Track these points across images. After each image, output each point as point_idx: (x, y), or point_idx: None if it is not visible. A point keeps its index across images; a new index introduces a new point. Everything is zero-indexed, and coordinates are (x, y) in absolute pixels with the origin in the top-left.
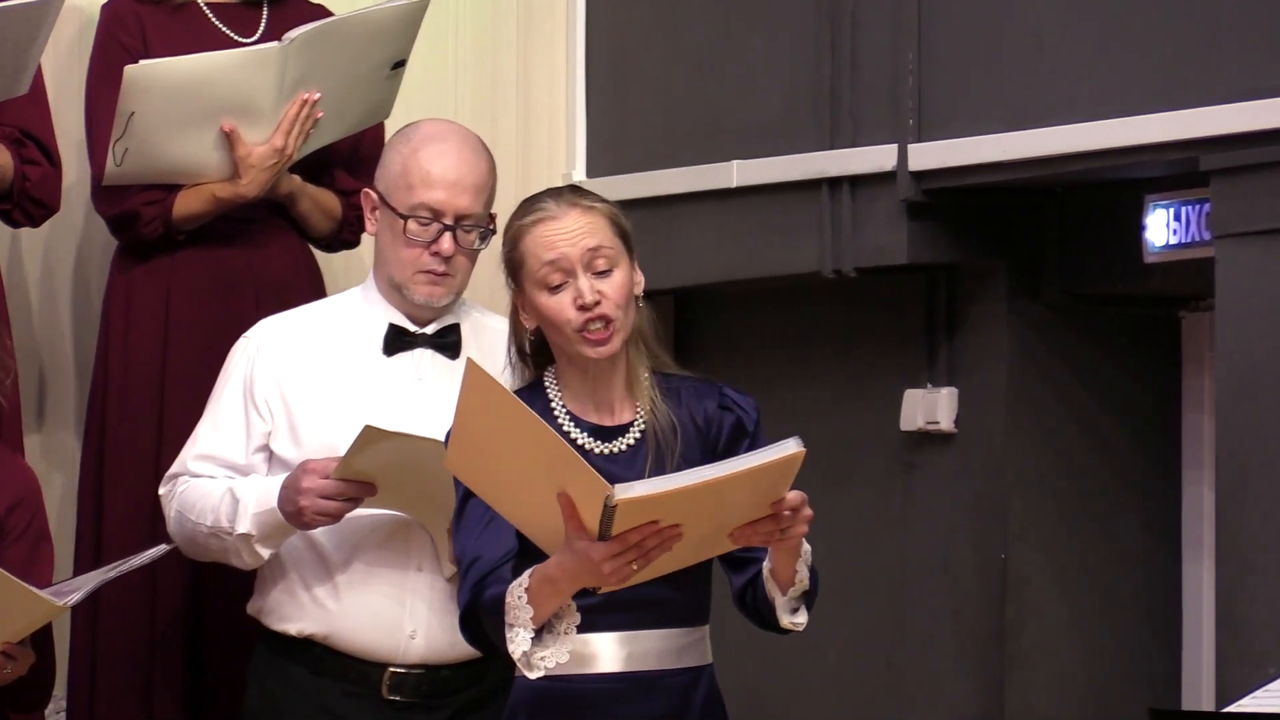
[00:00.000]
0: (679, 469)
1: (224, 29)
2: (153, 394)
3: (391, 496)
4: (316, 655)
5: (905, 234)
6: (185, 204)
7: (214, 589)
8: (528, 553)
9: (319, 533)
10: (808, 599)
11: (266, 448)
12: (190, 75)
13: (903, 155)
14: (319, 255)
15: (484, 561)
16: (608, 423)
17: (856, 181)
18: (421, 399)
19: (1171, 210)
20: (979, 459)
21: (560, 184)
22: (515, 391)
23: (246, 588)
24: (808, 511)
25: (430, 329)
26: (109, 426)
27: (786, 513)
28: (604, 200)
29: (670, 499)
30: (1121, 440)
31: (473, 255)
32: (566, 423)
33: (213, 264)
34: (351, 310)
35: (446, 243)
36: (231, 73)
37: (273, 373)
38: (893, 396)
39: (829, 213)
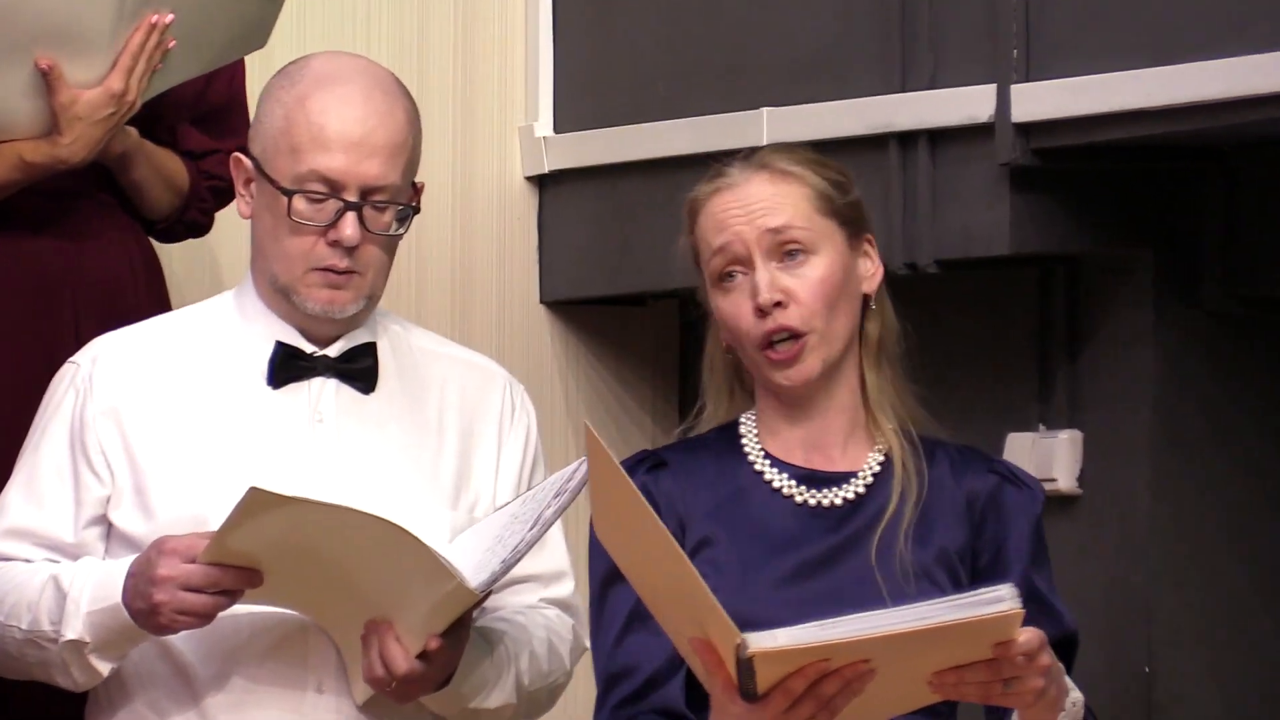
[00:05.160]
0: (923, 543)
1: None
2: None
3: (283, 588)
4: None
5: (1007, 212)
6: None
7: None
8: None
9: (178, 639)
10: None
11: (104, 519)
12: None
13: (1003, 100)
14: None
15: (633, 678)
16: (823, 467)
17: (938, 137)
18: (322, 447)
19: None
20: (1113, 531)
21: (517, 140)
22: (709, 432)
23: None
24: (1045, 659)
25: (334, 350)
26: None
27: (1019, 658)
28: (816, 161)
29: (829, 652)
30: None
31: (390, 244)
32: (763, 465)
33: (19, 257)
34: (222, 324)
35: (349, 227)
36: None
37: (111, 413)
38: (992, 442)
39: (899, 182)
